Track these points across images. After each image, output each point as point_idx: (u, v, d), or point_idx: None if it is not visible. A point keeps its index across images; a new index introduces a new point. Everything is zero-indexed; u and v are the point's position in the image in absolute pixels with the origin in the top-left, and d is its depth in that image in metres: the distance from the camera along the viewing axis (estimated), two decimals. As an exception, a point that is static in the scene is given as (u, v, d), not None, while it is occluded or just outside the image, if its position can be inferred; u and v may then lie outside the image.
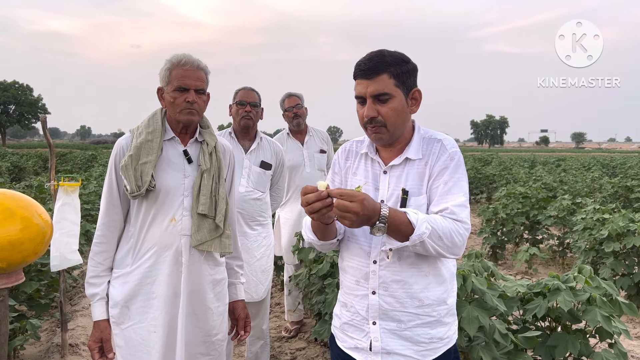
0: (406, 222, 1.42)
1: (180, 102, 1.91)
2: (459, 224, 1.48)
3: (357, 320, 1.62)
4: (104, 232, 1.95)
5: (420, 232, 1.41)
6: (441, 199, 1.52)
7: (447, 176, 1.54)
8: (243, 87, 3.12)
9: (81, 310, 4.71)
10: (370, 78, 1.53)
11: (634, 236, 4.65)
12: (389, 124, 1.55)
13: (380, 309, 1.56)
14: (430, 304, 1.56)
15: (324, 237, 1.62)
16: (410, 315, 1.55)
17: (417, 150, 1.60)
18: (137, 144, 1.91)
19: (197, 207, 1.92)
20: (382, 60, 1.53)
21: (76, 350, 3.79)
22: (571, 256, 6.90)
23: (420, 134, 1.64)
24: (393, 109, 1.54)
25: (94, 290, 1.95)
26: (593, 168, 20.56)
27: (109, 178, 1.95)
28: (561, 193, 9.09)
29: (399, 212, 1.44)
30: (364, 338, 1.60)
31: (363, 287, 1.59)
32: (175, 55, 1.94)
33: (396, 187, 1.58)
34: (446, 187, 1.53)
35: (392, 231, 1.43)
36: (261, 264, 3.05)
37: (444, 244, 1.45)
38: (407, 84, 1.56)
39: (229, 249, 2.01)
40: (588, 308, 2.33)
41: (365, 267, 1.59)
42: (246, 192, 2.98)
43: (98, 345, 1.92)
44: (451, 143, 1.60)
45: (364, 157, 1.68)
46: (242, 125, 3.04)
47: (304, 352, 3.80)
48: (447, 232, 1.45)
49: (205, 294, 2.00)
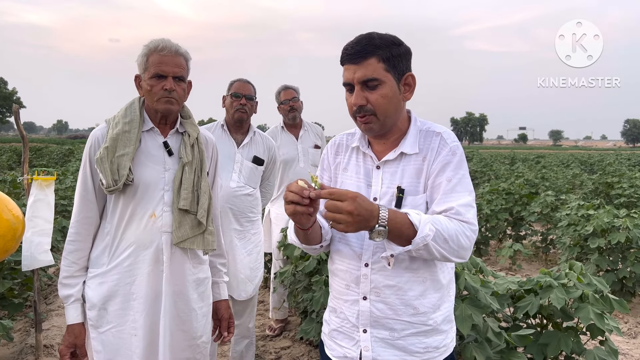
0: (408, 224, 1.30)
1: (157, 90, 1.79)
2: (465, 225, 1.36)
3: (346, 328, 1.50)
4: (78, 229, 1.83)
5: (423, 234, 1.29)
6: (445, 197, 1.39)
7: (450, 172, 1.41)
8: (238, 79, 3.01)
9: (56, 309, 4.56)
10: (358, 62, 1.40)
11: (619, 232, 4.67)
12: (379, 113, 1.41)
13: (372, 316, 1.45)
14: (426, 311, 1.44)
15: (306, 242, 1.50)
16: (404, 324, 1.43)
17: (414, 144, 1.46)
18: (113, 135, 1.79)
19: (178, 202, 1.82)
20: (370, 43, 1.40)
21: (51, 352, 3.65)
22: (554, 252, 6.94)
23: (417, 125, 1.50)
24: (383, 95, 1.40)
25: (67, 291, 1.83)
26: (572, 165, 20.91)
27: (83, 172, 1.84)
28: (543, 189, 9.15)
29: (399, 213, 1.32)
30: (353, 347, 1.48)
31: (353, 291, 1.48)
32: (153, 40, 1.83)
33: (391, 184, 1.46)
34: (450, 185, 1.40)
35: (393, 235, 1.30)
36: (250, 261, 2.96)
37: (450, 247, 1.33)
38: (399, 68, 1.42)
39: (212, 246, 1.91)
40: (580, 305, 2.30)
41: (356, 270, 1.47)
42: (237, 188, 2.88)
43: (70, 350, 1.81)
44: (451, 136, 1.47)
45: (355, 151, 1.55)
46: (235, 118, 2.94)
47: (289, 350, 3.72)
48: (452, 234, 1.32)
49: (189, 294, 1.90)
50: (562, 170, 15.93)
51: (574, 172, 13.65)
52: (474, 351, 2.12)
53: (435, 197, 1.42)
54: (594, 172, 17.65)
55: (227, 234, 2.84)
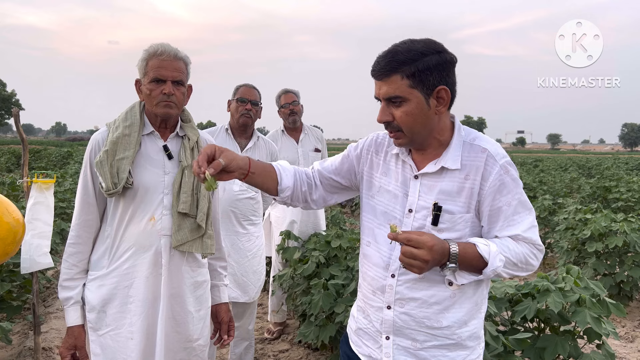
0: (477, 257, 1.32)
1: (156, 94, 1.80)
2: (533, 246, 1.40)
3: (372, 331, 1.51)
4: (78, 232, 1.84)
5: (494, 266, 1.31)
6: (508, 223, 1.38)
7: (508, 196, 1.37)
8: (244, 84, 3.05)
9: (55, 312, 4.55)
10: (381, 79, 1.37)
11: (616, 236, 4.69)
12: (405, 129, 1.37)
13: (395, 325, 1.44)
14: (450, 325, 1.41)
15: (257, 187, 1.51)
16: (427, 335, 1.42)
17: (456, 158, 1.39)
18: (113, 138, 1.80)
19: (177, 205, 1.82)
20: (394, 59, 1.33)
21: (50, 355, 3.65)
22: (552, 256, 6.95)
23: (461, 136, 1.43)
24: (408, 113, 1.35)
25: (67, 293, 1.84)
26: (570, 169, 20.93)
27: (84, 175, 1.84)
28: (541, 193, 9.18)
29: (468, 246, 1.32)
30: (377, 349, 1.49)
31: (379, 299, 1.47)
32: (153, 45, 1.84)
33: (428, 198, 1.41)
34: (510, 209, 1.38)
35: (462, 268, 1.33)
36: (252, 264, 2.98)
37: (519, 268, 1.39)
38: (428, 82, 1.34)
39: (211, 250, 1.91)
40: (578, 309, 2.31)
41: (383, 279, 1.46)
42: (240, 191, 2.90)
43: (70, 352, 1.81)
44: (500, 152, 1.40)
45: (395, 158, 1.50)
46: (240, 122, 2.98)
47: (287, 354, 3.72)
48: (521, 257, 1.37)
49: (185, 297, 1.90)
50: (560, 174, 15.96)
51: (571, 176, 13.68)
52: (472, 355, 2.13)
53: (496, 222, 1.39)
54: (592, 176, 17.68)
55: (230, 237, 2.85)
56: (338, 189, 1.64)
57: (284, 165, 1.57)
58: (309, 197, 1.60)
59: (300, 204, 1.61)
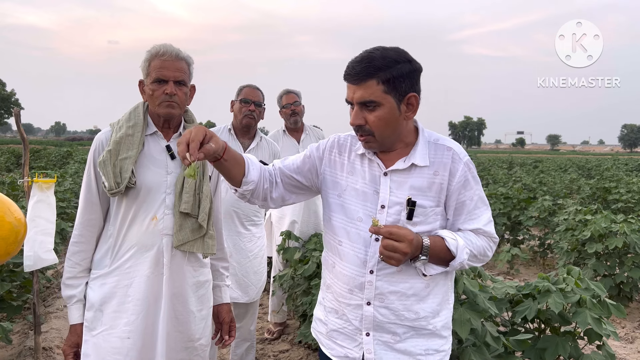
0: (445, 250, 1.42)
1: (158, 94, 1.81)
2: (490, 239, 1.53)
3: (348, 330, 1.53)
4: (82, 231, 1.85)
5: (461, 260, 1.42)
6: (470, 216, 1.50)
7: (470, 191, 1.49)
8: (248, 85, 3.05)
9: (55, 312, 4.55)
10: (357, 83, 1.40)
11: (616, 237, 4.69)
12: (376, 133, 1.43)
13: (375, 320, 1.49)
14: (426, 316, 1.49)
15: (226, 178, 1.50)
16: (405, 328, 1.49)
17: (424, 156, 1.47)
18: (116, 138, 1.81)
19: (179, 205, 1.83)
20: (371, 65, 1.38)
21: (50, 354, 3.65)
22: (552, 257, 6.96)
23: (425, 137, 1.52)
24: (380, 117, 1.40)
25: (70, 292, 1.85)
26: (569, 170, 20.95)
27: (88, 174, 1.85)
28: (541, 194, 9.19)
29: (437, 239, 1.42)
30: (355, 348, 1.52)
31: (357, 296, 1.50)
32: (155, 45, 1.85)
33: (399, 193, 1.46)
34: (472, 203, 1.50)
35: (431, 260, 1.42)
36: (254, 265, 2.98)
37: (477, 260, 1.51)
38: (400, 89, 1.40)
39: (212, 250, 1.92)
40: (578, 310, 2.32)
41: (361, 276, 1.49)
42: None
43: (74, 350, 1.82)
44: (462, 152, 1.51)
45: (360, 157, 1.55)
46: (244, 123, 2.99)
47: (288, 354, 3.72)
48: (481, 250, 1.50)
49: (187, 296, 1.90)
50: (559, 175, 15.97)
51: (571, 177, 13.69)
52: (473, 355, 2.13)
53: (459, 215, 1.51)
54: (592, 177, 17.70)
55: (232, 238, 2.86)
56: (298, 189, 1.64)
57: (253, 159, 1.57)
58: (269, 195, 1.59)
59: (259, 201, 1.59)
